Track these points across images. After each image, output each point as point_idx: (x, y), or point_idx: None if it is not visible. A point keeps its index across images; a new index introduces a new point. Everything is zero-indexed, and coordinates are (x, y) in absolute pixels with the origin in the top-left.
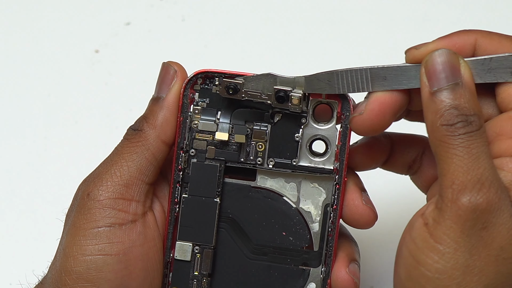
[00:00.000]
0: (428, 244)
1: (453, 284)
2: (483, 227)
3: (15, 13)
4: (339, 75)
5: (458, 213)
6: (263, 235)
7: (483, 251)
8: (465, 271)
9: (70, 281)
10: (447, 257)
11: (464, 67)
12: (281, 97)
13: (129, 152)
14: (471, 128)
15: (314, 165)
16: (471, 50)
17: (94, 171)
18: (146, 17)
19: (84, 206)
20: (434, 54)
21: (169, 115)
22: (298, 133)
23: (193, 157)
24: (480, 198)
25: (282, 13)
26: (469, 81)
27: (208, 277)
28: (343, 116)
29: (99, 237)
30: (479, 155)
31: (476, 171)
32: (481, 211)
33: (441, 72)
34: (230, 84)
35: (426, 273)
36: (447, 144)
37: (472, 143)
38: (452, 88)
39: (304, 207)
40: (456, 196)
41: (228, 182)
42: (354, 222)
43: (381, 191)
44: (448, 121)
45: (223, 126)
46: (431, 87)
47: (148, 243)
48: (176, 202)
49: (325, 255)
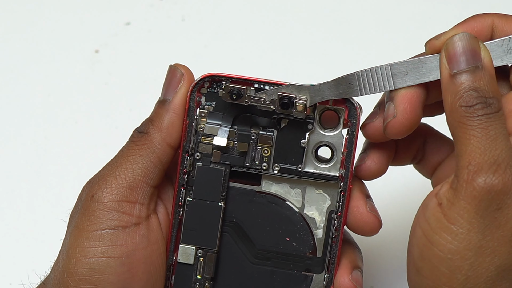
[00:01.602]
0: (441, 225)
1: (466, 264)
2: (497, 208)
3: (15, 13)
4: (360, 76)
5: (473, 194)
6: (267, 240)
7: (496, 232)
8: (478, 251)
9: (72, 283)
10: (460, 238)
11: (484, 51)
12: (285, 103)
13: (134, 154)
14: (490, 110)
15: (320, 171)
16: (489, 32)
17: (98, 173)
18: (146, 17)
19: (88, 208)
20: (455, 37)
21: (175, 118)
22: (304, 139)
23: (199, 160)
24: (496, 180)
25: (282, 13)
26: (489, 65)
27: (210, 281)
28: (350, 123)
29: (102, 240)
30: (497, 136)
31: (493, 153)
32: (496, 192)
33: (461, 55)
34: (234, 90)
35: (439, 253)
36: (465, 125)
37: (491, 125)
38: (472, 71)
39: (308, 213)
40: (472, 177)
41: (233, 187)
42: (358, 229)
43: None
44: (467, 103)
45: (223, 131)
46: (451, 69)
47: (152, 246)
48: (180, 205)
49: (328, 262)
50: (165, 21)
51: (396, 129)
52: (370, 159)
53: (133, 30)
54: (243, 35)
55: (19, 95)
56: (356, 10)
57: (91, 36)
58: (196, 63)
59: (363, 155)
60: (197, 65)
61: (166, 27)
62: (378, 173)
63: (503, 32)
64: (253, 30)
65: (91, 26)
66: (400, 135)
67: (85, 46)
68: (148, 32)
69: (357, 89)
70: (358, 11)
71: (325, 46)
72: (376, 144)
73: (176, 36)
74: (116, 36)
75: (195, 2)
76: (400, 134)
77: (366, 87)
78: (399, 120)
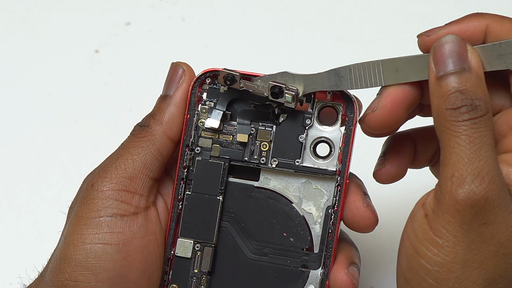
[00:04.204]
0: (427, 237)
1: (453, 277)
2: (481, 223)
3: (15, 13)
4: (352, 70)
5: (456, 207)
6: (264, 235)
7: (482, 246)
8: (465, 265)
9: (68, 269)
10: (446, 251)
11: (472, 53)
12: (275, 93)
13: (135, 146)
14: (476, 113)
15: (317, 166)
16: (482, 36)
17: (100, 165)
18: (146, 17)
19: (87, 196)
20: (442, 39)
21: (176, 112)
22: (302, 134)
23: (198, 155)
24: (479, 194)
25: (282, 13)
26: (476, 67)
27: (207, 275)
28: (347, 118)
29: (100, 226)
30: (482, 145)
31: (476, 164)
32: (480, 207)
33: (448, 57)
34: (228, 75)
35: (426, 265)
36: (451, 131)
37: (476, 132)
38: (459, 73)
39: (306, 208)
40: (454, 189)
41: (232, 182)
42: (354, 225)
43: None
44: (453, 105)
45: (216, 113)
46: (438, 71)
47: (149, 237)
48: (179, 199)
49: (324, 257)
50: (165, 21)
51: (371, 123)
52: (390, 163)
53: (133, 30)
54: (243, 35)
55: (19, 95)
56: (356, 10)
57: (91, 36)
58: (196, 63)
59: (382, 159)
60: (197, 65)
61: (166, 27)
62: (397, 177)
63: (497, 35)
64: (253, 30)
65: (91, 26)
66: (374, 130)
67: (85, 46)
68: (148, 32)
69: (347, 82)
70: (358, 11)
71: (325, 46)
72: (395, 147)
73: (176, 36)
74: (116, 36)
75: (195, 2)
76: (375, 129)
77: (357, 81)
78: (376, 115)
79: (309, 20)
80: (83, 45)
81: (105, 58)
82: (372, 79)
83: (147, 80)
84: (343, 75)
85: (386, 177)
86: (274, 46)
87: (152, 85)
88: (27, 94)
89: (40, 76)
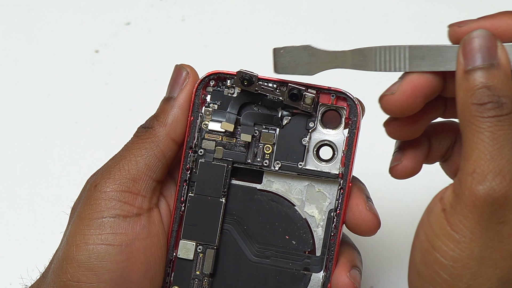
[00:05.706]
0: (444, 231)
1: (467, 273)
2: (500, 221)
3: (15, 13)
4: (377, 52)
5: (475, 203)
6: (267, 238)
7: (499, 245)
8: (480, 262)
9: (71, 269)
10: (463, 247)
11: (501, 50)
12: (294, 94)
13: (138, 148)
14: (501, 111)
15: (320, 169)
16: None
17: (103, 166)
18: (146, 17)
19: (90, 197)
20: (473, 33)
21: (180, 114)
22: (305, 137)
23: (201, 157)
24: (499, 192)
25: (282, 13)
26: (505, 64)
27: (209, 277)
28: (351, 122)
29: (102, 227)
30: (505, 144)
31: (498, 162)
32: (499, 205)
33: (477, 51)
34: (246, 75)
35: (441, 260)
36: (475, 127)
37: (500, 129)
38: (487, 68)
39: (308, 211)
40: (475, 184)
41: (235, 184)
42: (357, 228)
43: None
44: (479, 100)
45: (230, 117)
46: (466, 65)
47: (152, 238)
48: (182, 201)
49: (326, 259)
50: (165, 21)
51: (388, 105)
52: (406, 159)
53: (133, 30)
54: (243, 35)
55: (19, 95)
56: (356, 10)
57: (91, 36)
58: (196, 63)
59: (398, 155)
60: (197, 65)
61: (166, 27)
62: (413, 173)
63: None
64: (253, 30)
65: (91, 26)
66: (390, 112)
67: (85, 46)
68: (148, 32)
69: (372, 64)
70: (358, 11)
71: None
72: (411, 142)
73: (176, 36)
74: (116, 36)
75: (195, 2)
76: (390, 112)
77: (381, 63)
78: (394, 98)
79: (309, 20)
80: (83, 45)
81: (105, 58)
82: (397, 64)
83: (147, 80)
84: (368, 55)
85: (403, 173)
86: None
87: (152, 85)
88: (27, 94)
89: (40, 76)
